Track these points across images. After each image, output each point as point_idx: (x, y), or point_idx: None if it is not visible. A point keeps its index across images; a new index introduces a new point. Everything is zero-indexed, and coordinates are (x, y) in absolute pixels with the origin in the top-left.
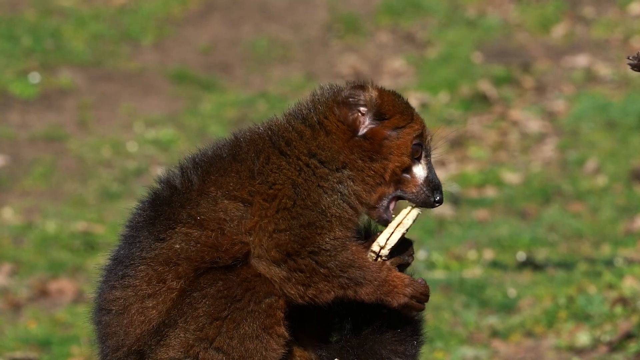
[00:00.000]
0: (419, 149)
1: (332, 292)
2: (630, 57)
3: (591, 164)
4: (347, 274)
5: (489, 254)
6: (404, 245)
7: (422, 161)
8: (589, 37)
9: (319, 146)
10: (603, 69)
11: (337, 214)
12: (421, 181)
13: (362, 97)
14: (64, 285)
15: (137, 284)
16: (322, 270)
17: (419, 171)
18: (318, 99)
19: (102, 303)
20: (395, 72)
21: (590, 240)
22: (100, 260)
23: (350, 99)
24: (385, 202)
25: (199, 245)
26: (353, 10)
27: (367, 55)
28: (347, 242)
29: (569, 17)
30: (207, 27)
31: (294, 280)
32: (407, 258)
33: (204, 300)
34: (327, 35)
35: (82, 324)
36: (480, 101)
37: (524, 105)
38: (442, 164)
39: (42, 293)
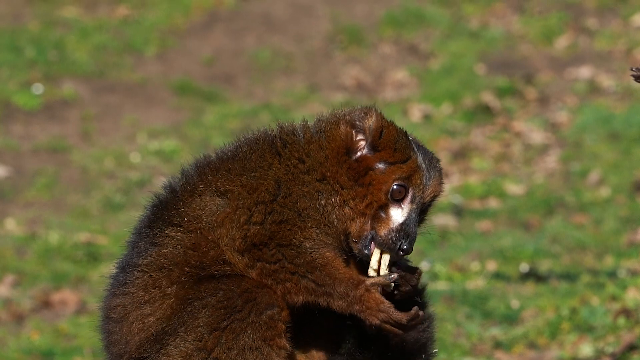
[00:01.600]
0: (403, 192)
1: (300, 296)
2: (634, 69)
3: (594, 175)
4: (314, 276)
5: (492, 265)
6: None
7: (405, 206)
8: (592, 49)
9: (308, 154)
10: (606, 81)
11: (314, 217)
12: (394, 225)
13: (365, 124)
14: (67, 296)
15: (134, 291)
16: (287, 264)
17: (396, 215)
18: (335, 113)
19: (105, 311)
20: (398, 84)
21: (594, 251)
22: (104, 270)
23: (357, 122)
24: (367, 239)
25: (182, 248)
26: (356, 21)
27: (370, 67)
28: (323, 248)
29: (572, 28)
30: (210, 38)
31: (259, 270)
32: (392, 276)
33: (204, 310)
34: (330, 47)
35: (85, 335)
36: (483, 112)
37: (527, 116)
38: (445, 175)
39: (45, 304)
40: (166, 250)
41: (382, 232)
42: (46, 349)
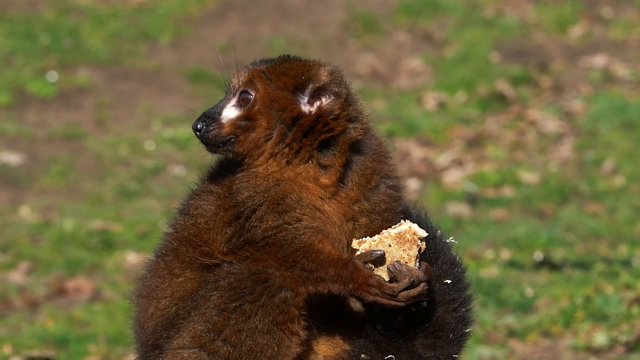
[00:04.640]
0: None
1: (302, 287)
2: None
3: (608, 164)
4: (301, 265)
5: (506, 254)
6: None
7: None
8: (606, 38)
9: None
10: (621, 70)
11: (259, 202)
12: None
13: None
14: (81, 284)
15: (148, 275)
16: (276, 257)
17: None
18: None
19: (131, 299)
20: (412, 72)
21: (608, 240)
22: (118, 258)
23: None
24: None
25: (187, 232)
26: (371, 9)
27: (385, 55)
28: (300, 235)
29: (586, 17)
30: (224, 26)
31: (250, 262)
32: (377, 253)
33: (215, 292)
34: (345, 35)
35: (99, 322)
36: (498, 101)
37: (541, 105)
38: (460, 163)
39: (60, 291)
40: (176, 233)
41: None
42: (60, 336)
